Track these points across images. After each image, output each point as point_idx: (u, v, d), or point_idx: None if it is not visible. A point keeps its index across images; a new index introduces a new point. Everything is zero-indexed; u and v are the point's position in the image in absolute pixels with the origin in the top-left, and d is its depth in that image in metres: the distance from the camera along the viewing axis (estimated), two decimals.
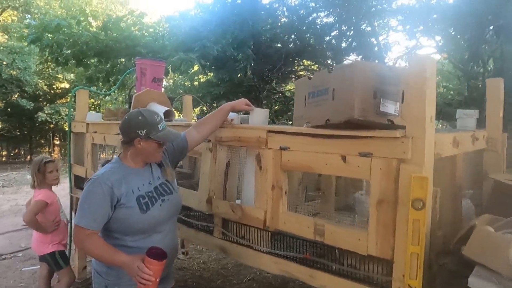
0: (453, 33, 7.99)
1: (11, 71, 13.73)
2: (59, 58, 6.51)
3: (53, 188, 3.11)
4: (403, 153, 1.43)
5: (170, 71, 6.79)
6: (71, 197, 3.70)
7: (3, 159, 19.01)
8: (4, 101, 15.46)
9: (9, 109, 15.83)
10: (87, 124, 3.40)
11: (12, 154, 20.20)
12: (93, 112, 3.80)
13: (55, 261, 2.91)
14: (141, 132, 1.74)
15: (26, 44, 8.18)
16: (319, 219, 1.73)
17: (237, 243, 2.09)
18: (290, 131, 1.81)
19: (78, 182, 3.65)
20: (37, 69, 15.66)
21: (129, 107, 3.47)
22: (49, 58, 6.95)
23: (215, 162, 2.20)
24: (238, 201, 2.16)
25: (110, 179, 1.73)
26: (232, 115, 2.19)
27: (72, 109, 4.04)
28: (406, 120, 1.61)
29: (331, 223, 1.67)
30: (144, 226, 1.76)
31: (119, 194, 1.71)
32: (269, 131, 1.89)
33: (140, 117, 1.77)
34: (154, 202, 1.79)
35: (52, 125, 17.23)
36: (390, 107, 1.58)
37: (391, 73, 1.60)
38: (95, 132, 3.27)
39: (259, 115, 2.08)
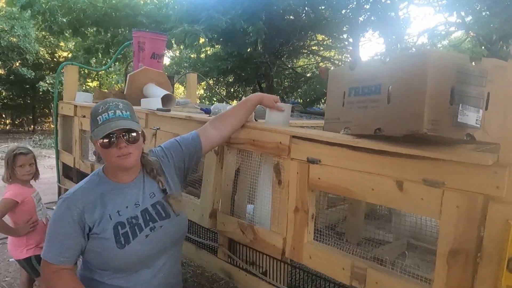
0: (482, 10, 7.33)
1: (11, 38, 13.17)
2: (53, 26, 5.99)
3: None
4: (496, 189, 0.98)
5: (174, 44, 6.24)
6: (59, 188, 3.30)
7: (7, 127, 18.69)
8: (5, 69, 14.99)
9: (11, 77, 15.38)
10: (75, 106, 2.95)
11: (16, 123, 19.88)
12: (83, 92, 3.34)
13: (32, 267, 2.50)
14: (91, 132, 1.34)
15: (18, 9, 7.61)
16: (359, 260, 1.30)
17: (246, 271, 1.68)
18: (322, 138, 1.35)
19: (66, 171, 3.24)
20: (39, 37, 15.08)
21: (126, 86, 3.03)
22: (42, 26, 6.42)
23: (222, 168, 1.76)
24: (249, 207, 1.73)
25: (82, 199, 1.31)
26: None
27: (59, 86, 3.58)
28: (491, 135, 1.16)
29: (375, 268, 1.24)
30: (122, 264, 1.32)
31: (91, 221, 1.30)
32: (294, 137, 1.44)
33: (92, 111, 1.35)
34: (138, 232, 1.33)
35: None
36: (471, 116, 1.12)
37: (473, 67, 1.12)
38: (84, 116, 2.83)
39: (279, 112, 1.62)
